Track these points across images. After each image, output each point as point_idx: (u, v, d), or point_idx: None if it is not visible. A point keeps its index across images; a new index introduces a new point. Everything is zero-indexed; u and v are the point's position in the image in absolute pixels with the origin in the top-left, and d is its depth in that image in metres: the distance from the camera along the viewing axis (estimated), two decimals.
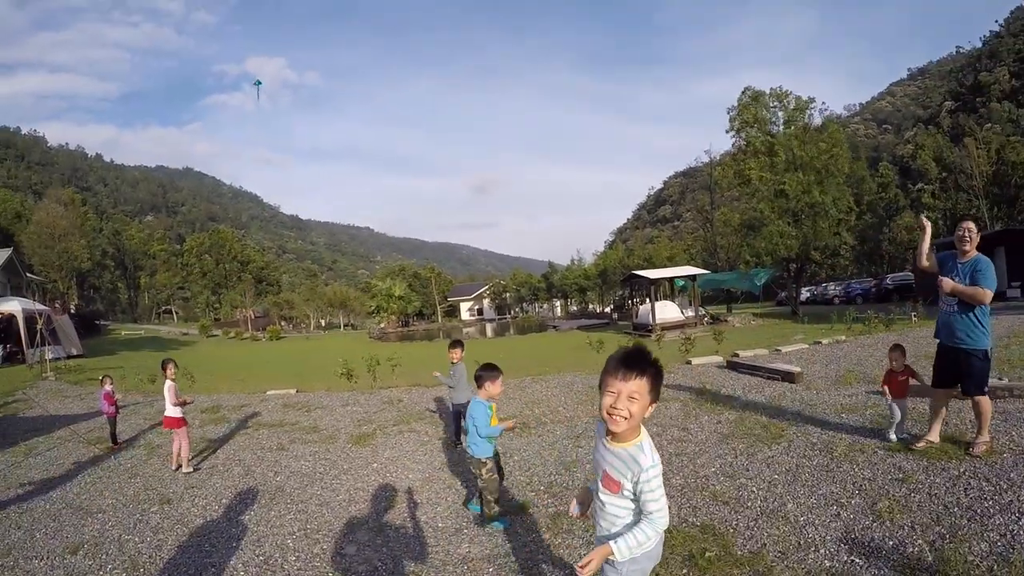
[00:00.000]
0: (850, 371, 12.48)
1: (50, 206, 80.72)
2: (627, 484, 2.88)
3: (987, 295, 6.60)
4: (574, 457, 8.36)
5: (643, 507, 2.85)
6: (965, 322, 6.78)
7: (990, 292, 6.60)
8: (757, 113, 36.47)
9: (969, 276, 6.73)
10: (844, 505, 5.78)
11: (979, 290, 6.61)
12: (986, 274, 6.62)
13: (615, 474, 2.90)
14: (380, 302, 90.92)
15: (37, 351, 25.91)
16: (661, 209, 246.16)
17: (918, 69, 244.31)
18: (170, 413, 9.30)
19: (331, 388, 16.91)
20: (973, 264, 6.74)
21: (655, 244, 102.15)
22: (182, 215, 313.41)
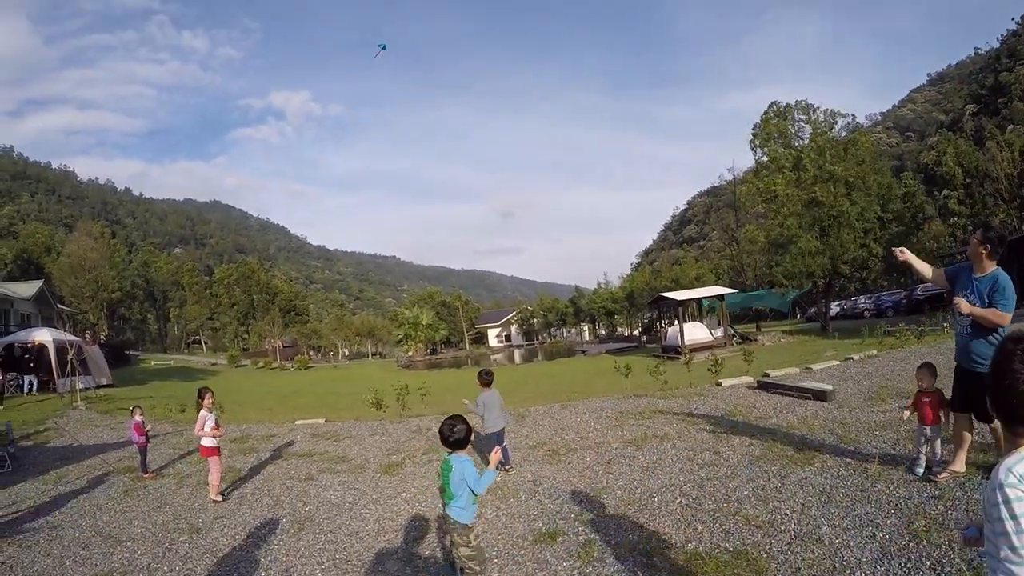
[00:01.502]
0: (883, 387, 12.29)
1: (80, 238, 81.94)
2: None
3: (1004, 318, 6.12)
4: (605, 484, 8.27)
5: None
6: (980, 345, 6.27)
7: (1007, 316, 6.11)
8: (782, 127, 36.30)
9: (987, 294, 6.24)
10: (880, 526, 5.68)
11: (996, 312, 6.14)
12: (1005, 294, 6.14)
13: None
14: (407, 330, 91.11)
15: (68, 381, 26.13)
16: (686, 229, 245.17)
17: (938, 74, 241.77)
18: (205, 443, 9.39)
19: (360, 417, 16.92)
20: (991, 281, 6.25)
21: (681, 265, 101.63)
22: (210, 247, 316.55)
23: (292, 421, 16.90)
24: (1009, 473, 2.08)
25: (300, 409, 21.10)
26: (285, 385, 39.24)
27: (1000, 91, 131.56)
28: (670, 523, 6.54)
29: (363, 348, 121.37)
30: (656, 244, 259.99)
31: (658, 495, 7.48)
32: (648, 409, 13.34)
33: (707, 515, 6.62)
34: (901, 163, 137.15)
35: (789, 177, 34.84)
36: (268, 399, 27.39)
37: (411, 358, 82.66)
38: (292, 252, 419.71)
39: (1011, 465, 2.10)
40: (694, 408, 12.89)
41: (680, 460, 8.92)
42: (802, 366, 17.42)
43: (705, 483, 7.70)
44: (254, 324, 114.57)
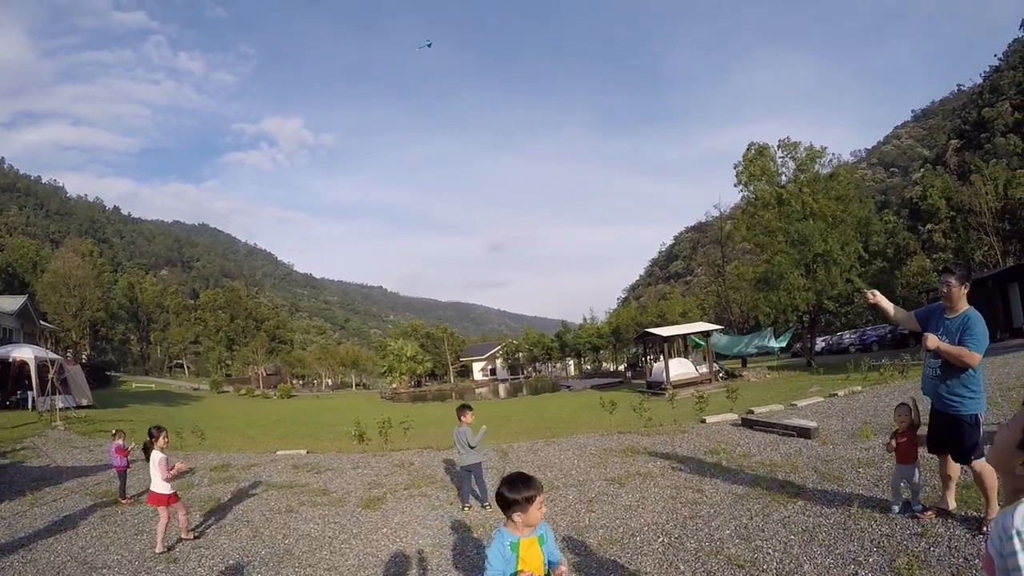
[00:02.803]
0: (867, 423, 12.30)
1: (67, 255, 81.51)
2: None
3: (974, 358, 5.92)
4: (587, 522, 8.22)
5: None
6: (950, 386, 6.13)
7: (977, 355, 5.91)
8: (764, 166, 36.63)
9: (958, 334, 6.07)
10: (862, 564, 5.69)
11: (964, 351, 5.94)
12: (974, 333, 5.96)
13: None
14: (392, 362, 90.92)
15: (48, 399, 25.88)
16: (673, 264, 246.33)
17: (922, 110, 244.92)
18: (158, 489, 8.23)
19: (342, 449, 16.82)
20: (962, 321, 6.09)
21: (668, 300, 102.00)
22: (197, 270, 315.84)
23: (273, 451, 16.77)
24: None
25: (282, 439, 20.96)
26: (267, 414, 38.98)
27: (983, 126, 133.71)
28: (652, 562, 6.50)
29: (347, 378, 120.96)
30: (642, 279, 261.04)
31: (640, 534, 7.45)
32: (632, 446, 13.31)
33: (689, 554, 6.59)
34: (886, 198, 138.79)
35: (775, 212, 35.11)
36: (250, 427, 27.18)
37: (395, 390, 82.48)
38: (279, 279, 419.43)
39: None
40: (678, 446, 12.87)
41: (663, 499, 8.89)
42: (787, 402, 17.44)
43: (688, 522, 7.67)
44: (238, 350, 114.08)
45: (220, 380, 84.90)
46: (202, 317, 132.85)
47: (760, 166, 36.64)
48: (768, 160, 36.78)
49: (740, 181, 37.59)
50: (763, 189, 36.55)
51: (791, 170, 36.66)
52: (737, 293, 71.18)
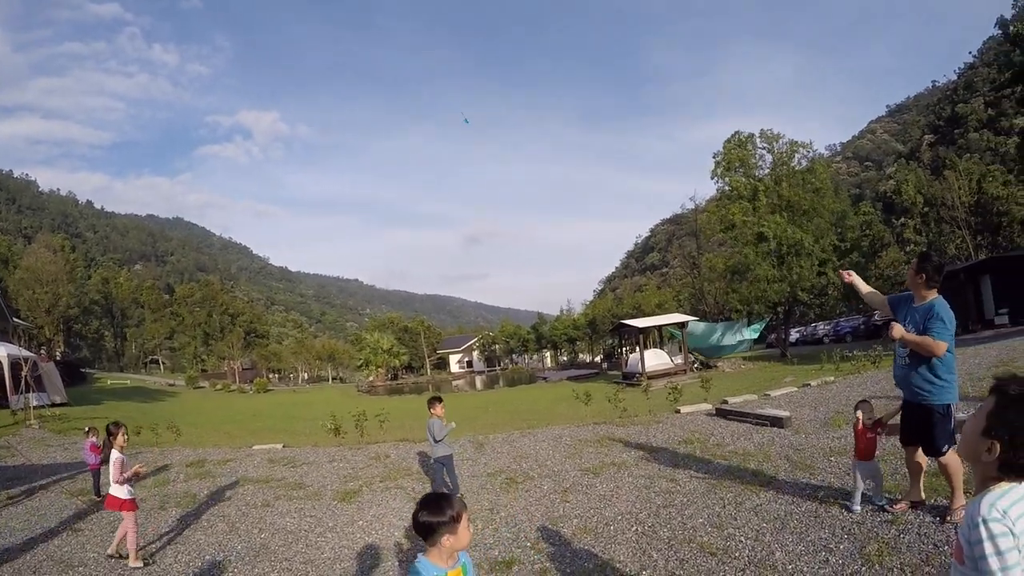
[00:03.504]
0: (839, 413, 12.43)
1: (39, 251, 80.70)
2: None
3: (938, 347, 5.84)
4: (562, 512, 8.28)
5: None
6: (920, 375, 6.07)
7: (942, 344, 5.83)
8: (744, 157, 36.75)
9: (923, 322, 6.01)
10: (833, 551, 5.76)
11: (927, 340, 5.87)
12: (938, 321, 5.87)
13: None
14: (368, 355, 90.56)
15: (22, 398, 25.59)
16: (649, 256, 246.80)
17: (896, 105, 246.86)
18: (115, 492, 7.60)
19: (318, 443, 16.76)
20: (927, 309, 6.01)
21: (643, 292, 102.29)
22: (171, 264, 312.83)
23: (249, 446, 16.68)
24: (992, 508, 2.04)
25: (258, 433, 20.88)
26: (243, 408, 38.75)
27: (957, 122, 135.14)
28: (625, 551, 6.56)
29: (323, 372, 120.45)
30: (619, 271, 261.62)
31: (614, 523, 7.51)
32: (607, 437, 13.39)
33: (662, 543, 6.65)
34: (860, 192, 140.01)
35: (746, 207, 35.24)
36: (226, 423, 27.04)
37: (371, 383, 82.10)
38: (254, 273, 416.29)
39: (993, 501, 2.06)
40: (652, 436, 12.95)
41: (637, 488, 8.97)
42: (760, 392, 17.59)
43: (661, 511, 7.74)
44: (214, 345, 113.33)
45: (196, 375, 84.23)
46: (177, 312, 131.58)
47: (739, 156, 36.73)
48: (748, 151, 36.88)
49: (716, 173, 37.70)
50: (739, 181, 36.64)
51: (768, 163, 36.81)
52: (711, 285, 71.57)
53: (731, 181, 37.02)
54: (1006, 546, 1.97)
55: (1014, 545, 1.97)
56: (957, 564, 2.19)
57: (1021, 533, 2.00)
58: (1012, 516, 2.01)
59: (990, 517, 2.01)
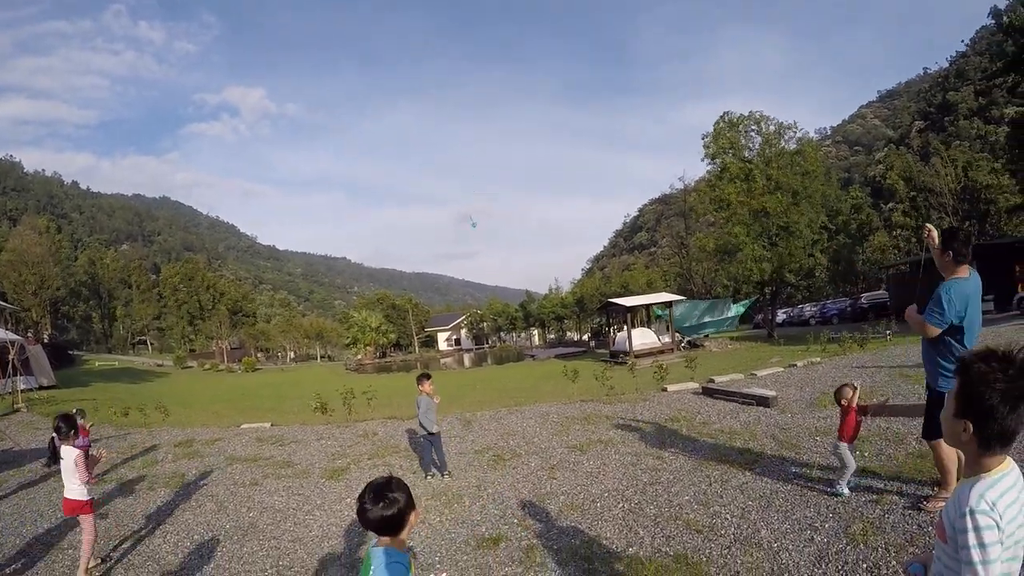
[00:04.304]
0: (824, 393, 12.48)
1: (24, 233, 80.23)
2: None
3: (927, 329, 5.68)
4: (548, 489, 8.32)
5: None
6: (928, 359, 5.92)
7: (931, 328, 5.65)
8: (733, 138, 36.71)
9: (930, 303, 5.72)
10: (818, 529, 5.81)
11: (920, 320, 5.77)
12: (935, 303, 5.63)
13: None
14: (356, 333, 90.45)
15: (9, 381, 25.47)
16: (637, 236, 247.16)
17: (887, 91, 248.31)
18: (75, 495, 6.73)
19: (306, 422, 16.77)
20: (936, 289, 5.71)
21: (632, 271, 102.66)
22: (158, 244, 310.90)
23: (237, 425, 16.69)
24: (981, 500, 2.03)
25: (246, 412, 20.85)
26: (232, 388, 38.70)
27: (947, 110, 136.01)
28: (612, 528, 6.60)
29: (312, 350, 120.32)
30: (607, 250, 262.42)
31: (601, 500, 7.55)
32: (594, 414, 13.45)
33: (649, 520, 6.70)
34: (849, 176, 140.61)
35: (740, 187, 35.25)
36: (214, 402, 27.00)
37: (360, 361, 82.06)
38: (241, 252, 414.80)
39: (982, 491, 2.05)
40: (639, 414, 13.01)
41: (624, 465, 9.02)
42: (747, 372, 17.68)
43: (648, 488, 7.79)
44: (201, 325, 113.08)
45: (184, 356, 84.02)
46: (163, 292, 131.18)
47: (729, 138, 36.71)
48: (737, 133, 36.85)
49: (708, 153, 37.66)
50: (730, 162, 36.62)
51: (757, 144, 36.78)
52: (699, 265, 71.78)
53: (723, 162, 37.00)
54: (990, 539, 1.97)
55: (998, 539, 1.98)
56: (940, 542, 2.20)
57: (1009, 523, 2.01)
58: (1000, 508, 2.01)
59: (978, 509, 2.01)
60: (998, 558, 1.98)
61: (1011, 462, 2.15)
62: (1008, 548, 2.01)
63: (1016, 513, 2.05)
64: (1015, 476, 2.13)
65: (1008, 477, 2.11)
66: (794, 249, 33.53)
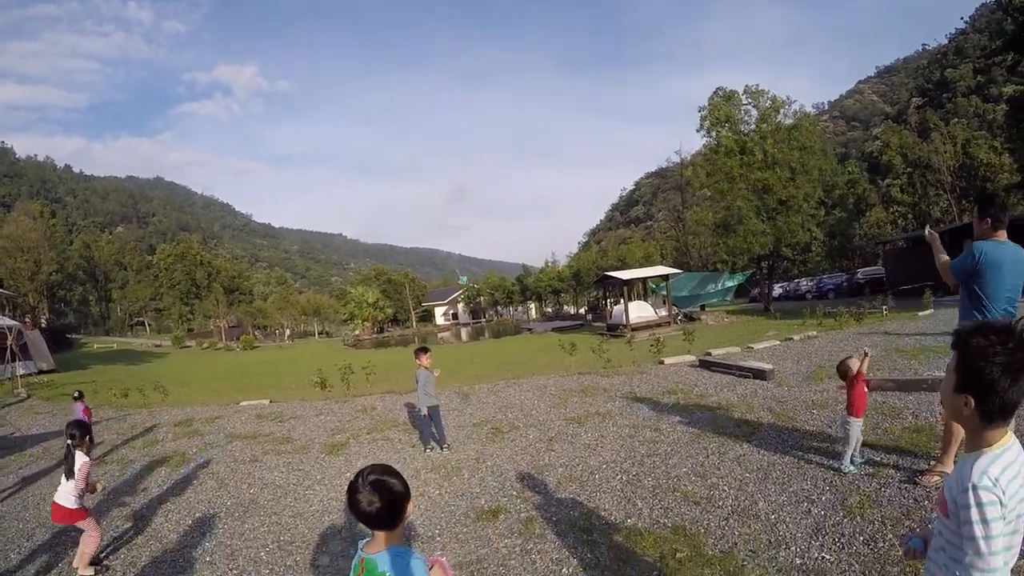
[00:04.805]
0: (821, 367, 12.55)
1: (18, 218, 79.84)
2: None
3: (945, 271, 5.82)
4: (547, 461, 8.37)
5: None
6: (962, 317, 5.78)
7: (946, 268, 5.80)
8: (729, 112, 36.51)
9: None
10: (815, 502, 5.84)
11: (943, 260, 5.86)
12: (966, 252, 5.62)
13: None
14: (353, 309, 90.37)
15: (8, 367, 25.48)
16: (633, 210, 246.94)
17: (885, 67, 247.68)
18: (64, 501, 6.24)
19: (305, 398, 16.84)
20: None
21: (628, 245, 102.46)
22: (153, 226, 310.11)
23: (237, 402, 16.74)
24: (984, 476, 2.02)
25: (245, 390, 20.87)
26: (230, 366, 38.67)
27: (945, 87, 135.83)
28: (610, 500, 6.65)
29: (309, 327, 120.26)
30: (603, 224, 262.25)
31: (599, 472, 7.60)
32: (591, 387, 13.52)
33: (647, 491, 6.74)
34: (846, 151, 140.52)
35: (738, 160, 35.11)
36: (213, 381, 27.01)
37: (358, 337, 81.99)
38: (237, 230, 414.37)
39: (985, 467, 2.05)
40: (636, 386, 13.07)
41: (621, 437, 9.07)
42: (743, 345, 17.72)
43: (645, 460, 7.84)
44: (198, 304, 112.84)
45: (182, 335, 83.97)
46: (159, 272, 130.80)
47: (725, 112, 36.51)
48: (733, 107, 36.65)
49: (703, 127, 37.48)
50: (726, 136, 36.45)
51: (754, 118, 36.60)
52: (696, 238, 71.79)
53: (719, 136, 36.83)
54: (993, 515, 1.98)
55: (1000, 515, 1.98)
56: (942, 517, 2.20)
57: (1011, 498, 2.01)
58: (1003, 483, 2.01)
59: (981, 485, 2.01)
60: (1000, 533, 1.99)
61: (1012, 436, 2.15)
62: (1010, 523, 2.02)
63: (1018, 488, 2.04)
64: (1016, 450, 2.12)
65: (1009, 452, 2.10)
66: (792, 224, 33.49)
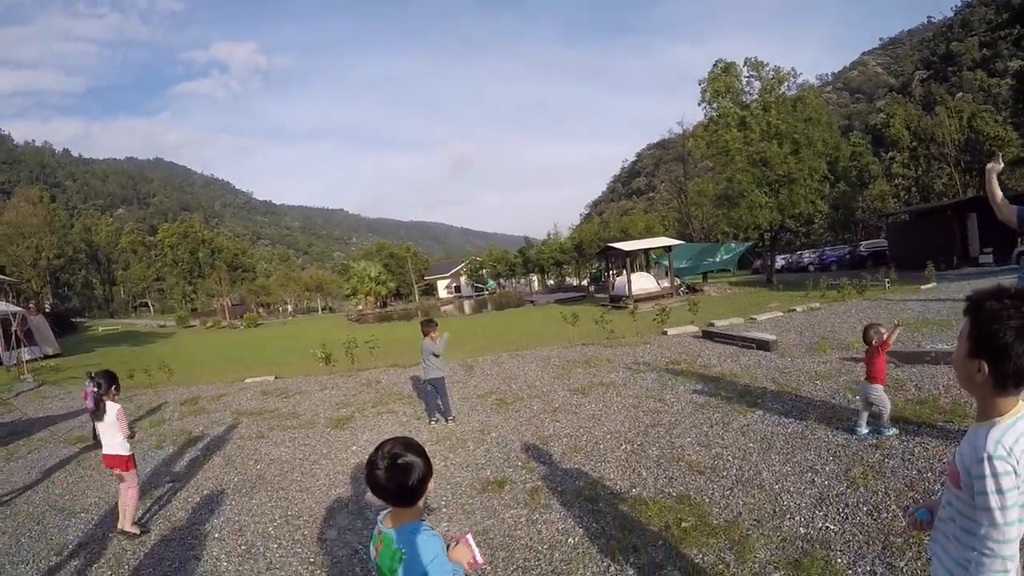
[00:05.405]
0: (824, 339, 12.57)
1: (19, 205, 79.68)
2: None
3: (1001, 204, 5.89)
4: (551, 431, 8.42)
5: None
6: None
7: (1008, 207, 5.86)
8: (730, 84, 36.24)
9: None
10: (818, 472, 5.87)
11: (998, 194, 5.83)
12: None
13: None
14: (356, 284, 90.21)
15: (14, 353, 25.52)
16: (635, 181, 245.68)
17: (890, 39, 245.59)
18: (119, 450, 6.71)
19: (309, 373, 16.90)
20: None
21: (630, 216, 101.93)
22: (154, 206, 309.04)
23: (242, 379, 16.80)
24: (999, 445, 2.01)
25: (250, 367, 20.89)
26: (235, 344, 38.71)
27: (951, 60, 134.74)
28: (615, 469, 6.69)
29: (313, 303, 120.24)
30: (605, 195, 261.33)
31: (603, 442, 7.65)
32: (595, 357, 13.57)
33: (651, 461, 6.78)
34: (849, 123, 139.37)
35: (736, 135, 34.90)
36: (218, 359, 27.10)
37: (361, 312, 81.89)
38: (238, 208, 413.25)
39: (998, 437, 2.03)
40: (640, 357, 13.11)
41: (625, 408, 9.12)
42: (746, 316, 17.77)
43: (649, 430, 7.89)
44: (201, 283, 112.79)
45: (186, 315, 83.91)
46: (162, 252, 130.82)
47: (725, 83, 36.22)
48: (734, 78, 36.38)
49: (704, 99, 37.25)
50: (726, 108, 36.21)
51: (756, 90, 36.34)
52: (698, 210, 71.51)
53: (719, 107, 36.60)
54: (1008, 485, 1.97)
55: (1015, 484, 1.97)
56: (952, 488, 2.20)
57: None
58: (1017, 453, 2.00)
59: (996, 454, 1.99)
60: (1015, 503, 1.98)
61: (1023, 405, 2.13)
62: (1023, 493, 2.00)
63: None
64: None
65: (1022, 421, 2.08)
66: (795, 196, 33.35)
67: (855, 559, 4.29)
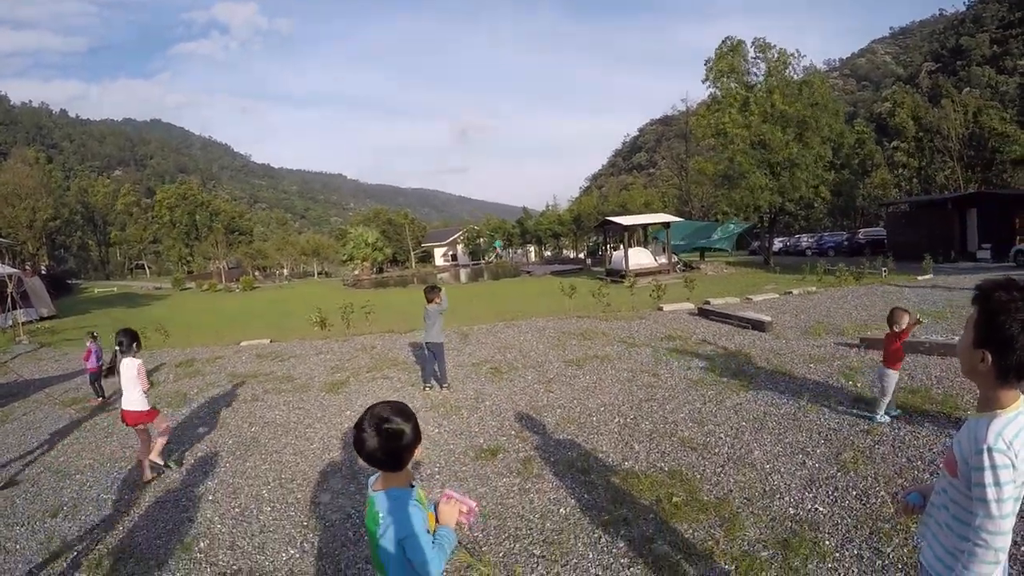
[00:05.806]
0: (819, 322, 12.62)
1: (15, 166, 79.16)
2: None
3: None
4: (545, 402, 8.48)
5: None
6: None
7: None
8: (734, 64, 36.00)
9: None
10: (809, 454, 5.94)
11: None
12: None
13: None
14: (352, 250, 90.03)
15: (9, 315, 25.47)
16: (636, 156, 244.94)
17: (900, 29, 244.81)
18: (139, 406, 7.00)
19: (305, 337, 16.92)
20: None
21: (630, 191, 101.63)
22: (151, 168, 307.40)
23: (237, 342, 16.83)
24: (999, 438, 2.01)
25: (245, 330, 20.90)
26: (231, 307, 38.63)
27: (960, 54, 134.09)
28: (608, 442, 6.73)
29: (309, 267, 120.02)
30: (605, 169, 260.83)
31: (597, 414, 7.70)
32: (590, 330, 13.64)
33: (644, 435, 6.83)
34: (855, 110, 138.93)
35: (736, 118, 34.71)
36: (214, 322, 27.06)
37: (357, 277, 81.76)
38: (236, 171, 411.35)
39: (999, 430, 2.04)
40: (635, 331, 13.16)
41: (620, 381, 9.18)
42: (742, 296, 17.82)
43: (643, 404, 7.94)
44: (198, 246, 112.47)
45: (182, 277, 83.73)
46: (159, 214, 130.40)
47: (731, 63, 36.00)
48: (740, 58, 36.13)
49: (709, 78, 37.02)
50: (730, 89, 35.99)
51: (762, 72, 36.12)
52: (699, 188, 71.39)
53: (722, 88, 36.39)
54: (1006, 478, 1.98)
55: (1012, 478, 1.99)
56: (949, 476, 2.21)
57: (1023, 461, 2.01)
58: (1016, 447, 2.01)
59: (995, 447, 2.00)
60: (1011, 496, 2.00)
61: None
62: (1020, 486, 2.03)
63: None
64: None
65: (1022, 415, 2.09)
66: (797, 179, 33.25)
67: (843, 542, 4.34)
